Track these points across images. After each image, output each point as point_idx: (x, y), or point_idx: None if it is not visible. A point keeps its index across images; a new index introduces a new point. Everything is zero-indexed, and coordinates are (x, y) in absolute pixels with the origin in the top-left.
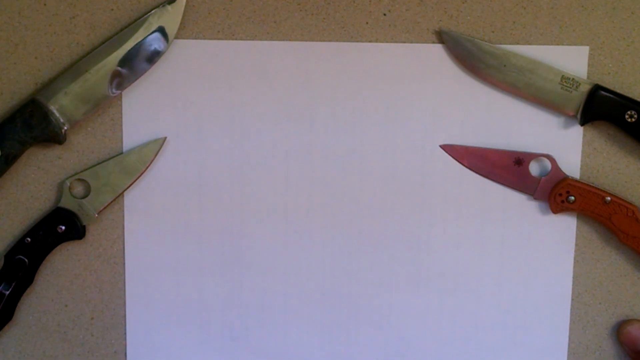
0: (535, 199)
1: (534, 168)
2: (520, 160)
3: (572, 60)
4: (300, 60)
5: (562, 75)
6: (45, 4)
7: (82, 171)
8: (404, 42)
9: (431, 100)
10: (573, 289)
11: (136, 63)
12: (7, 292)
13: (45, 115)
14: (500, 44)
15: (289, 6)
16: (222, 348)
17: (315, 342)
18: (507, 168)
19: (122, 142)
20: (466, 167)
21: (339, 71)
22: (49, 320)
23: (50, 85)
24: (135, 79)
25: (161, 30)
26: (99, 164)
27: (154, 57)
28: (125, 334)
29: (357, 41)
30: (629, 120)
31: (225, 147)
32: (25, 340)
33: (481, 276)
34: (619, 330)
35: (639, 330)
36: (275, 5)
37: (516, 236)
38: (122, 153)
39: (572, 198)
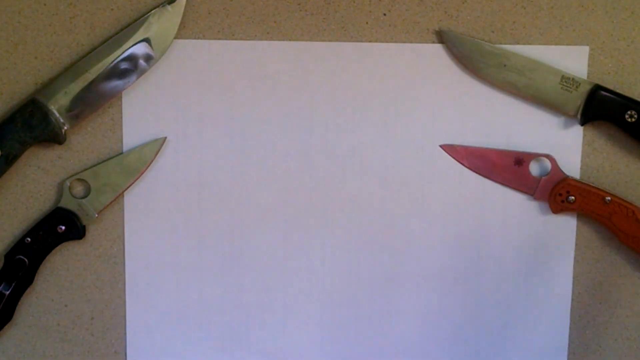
0: (535, 199)
1: (534, 168)
2: (520, 160)
3: (572, 60)
4: (300, 60)
5: (562, 75)
6: (45, 4)
7: (82, 171)
8: (404, 42)
9: (431, 100)
10: (573, 289)
11: (136, 63)
12: (7, 292)
13: (45, 115)
14: (500, 44)
15: (289, 6)
16: (222, 348)
17: (315, 342)
18: (507, 168)
19: (122, 142)
20: (466, 167)
21: (339, 71)
22: (49, 320)
23: (50, 85)
24: (135, 79)
25: (161, 30)
26: (99, 164)
27: (153, 57)
28: (125, 334)
29: (357, 41)
30: (629, 120)
31: (225, 147)
32: (25, 340)
33: (481, 276)
34: None
35: None
36: (275, 5)
37: (516, 236)
38: (122, 153)
39: (572, 198)
